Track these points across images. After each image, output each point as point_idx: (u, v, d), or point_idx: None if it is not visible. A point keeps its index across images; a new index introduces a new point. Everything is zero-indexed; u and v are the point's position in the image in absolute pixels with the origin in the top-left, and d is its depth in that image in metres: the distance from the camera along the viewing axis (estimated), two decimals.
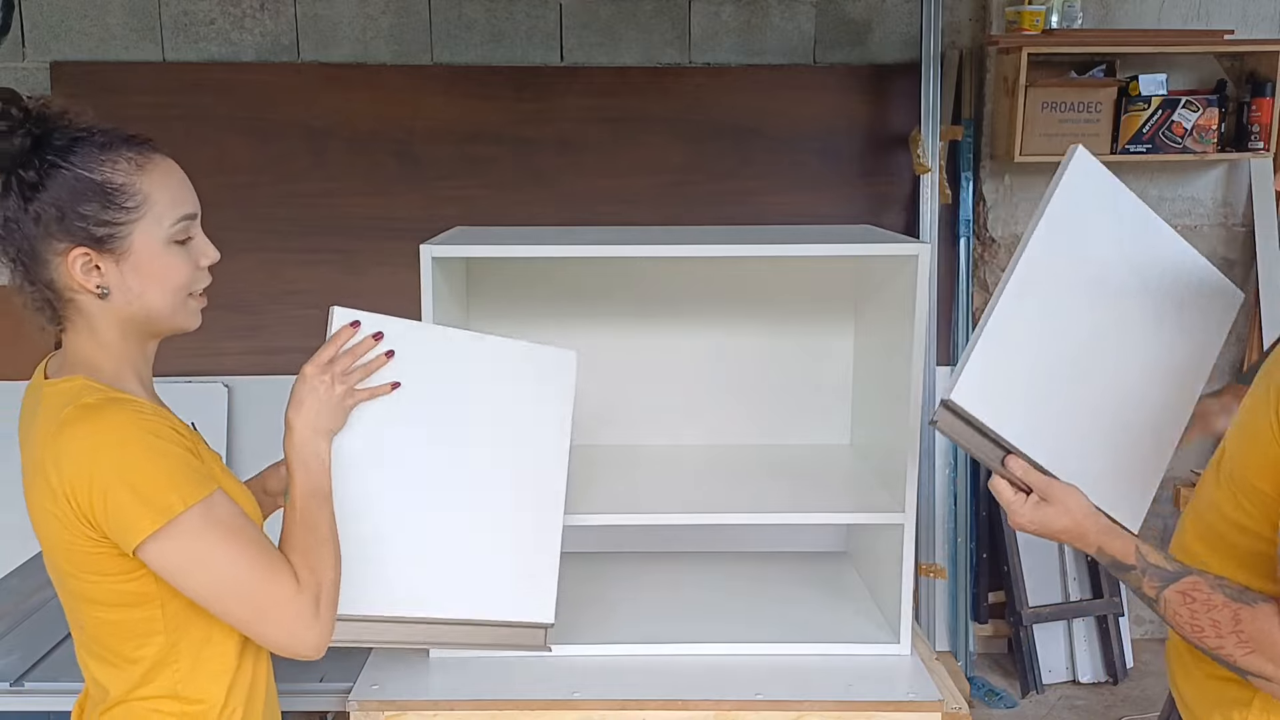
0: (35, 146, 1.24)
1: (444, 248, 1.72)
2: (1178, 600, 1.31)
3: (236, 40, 3.44)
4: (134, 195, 1.25)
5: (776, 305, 2.13)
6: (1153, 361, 1.51)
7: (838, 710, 1.67)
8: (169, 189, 1.28)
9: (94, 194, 1.23)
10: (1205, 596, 1.29)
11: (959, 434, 1.43)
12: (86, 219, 1.23)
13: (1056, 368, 1.45)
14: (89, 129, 1.27)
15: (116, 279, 1.26)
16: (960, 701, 1.68)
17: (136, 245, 1.26)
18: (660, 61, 3.51)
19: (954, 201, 3.54)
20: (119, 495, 1.19)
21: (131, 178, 1.25)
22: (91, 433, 1.20)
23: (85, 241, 1.24)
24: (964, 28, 3.53)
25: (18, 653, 1.90)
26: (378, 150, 3.46)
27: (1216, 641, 1.27)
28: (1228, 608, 1.27)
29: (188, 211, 1.30)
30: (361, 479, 1.46)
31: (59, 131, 1.25)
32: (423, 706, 1.68)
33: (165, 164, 1.30)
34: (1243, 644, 1.25)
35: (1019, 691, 3.51)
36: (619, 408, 2.16)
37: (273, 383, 3.41)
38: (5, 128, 1.22)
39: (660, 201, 3.50)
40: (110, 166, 1.25)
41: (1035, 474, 1.43)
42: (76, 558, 1.24)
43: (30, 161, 1.23)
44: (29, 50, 3.45)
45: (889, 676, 1.74)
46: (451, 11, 3.47)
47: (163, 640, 1.29)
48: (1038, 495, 1.42)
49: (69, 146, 1.24)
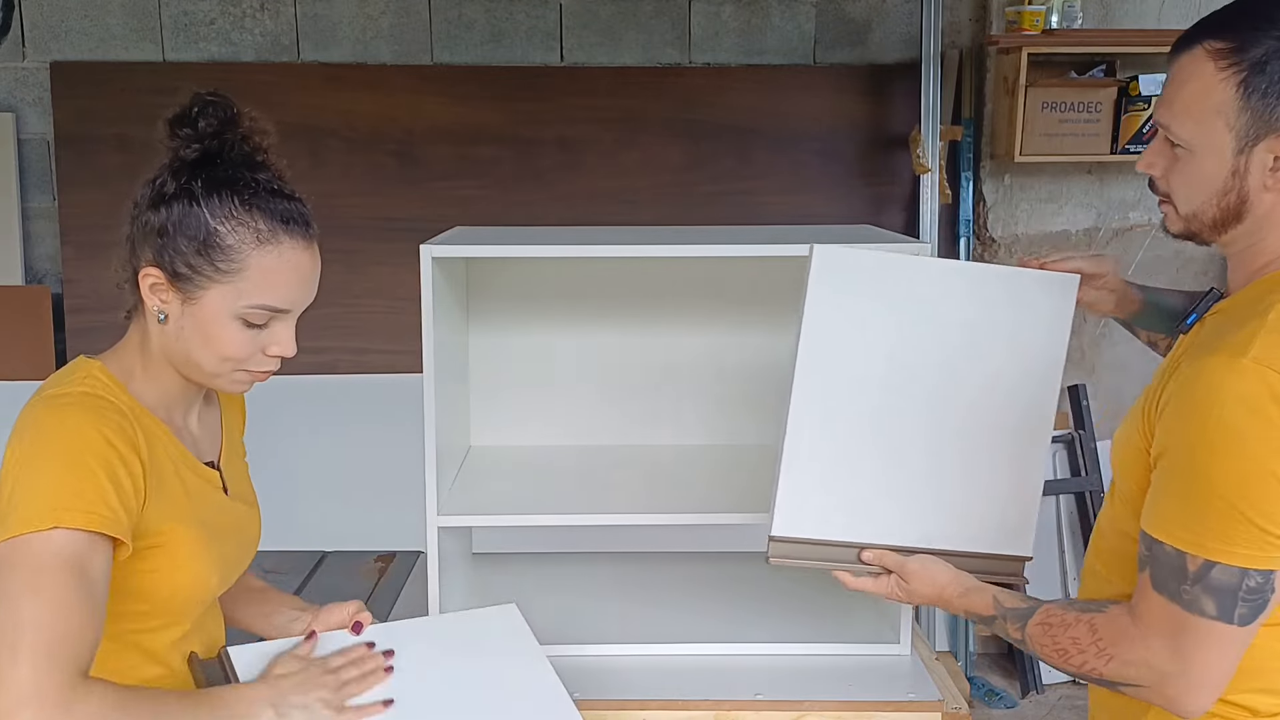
0: (197, 163, 1.23)
1: (444, 248, 1.71)
2: (1039, 632, 1.32)
3: (236, 40, 3.44)
4: (233, 261, 1.21)
5: (777, 305, 2.12)
6: (988, 386, 1.52)
7: (838, 710, 1.67)
8: (272, 276, 1.23)
9: (197, 236, 1.21)
10: (1059, 618, 1.31)
11: (803, 555, 1.50)
12: (178, 252, 1.21)
13: (871, 451, 1.50)
14: (258, 180, 1.24)
15: (176, 314, 1.23)
16: (960, 701, 1.68)
17: (206, 301, 1.22)
18: (660, 61, 3.51)
19: (954, 201, 3.54)
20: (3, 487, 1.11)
21: (243, 245, 1.21)
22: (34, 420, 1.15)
23: (165, 268, 1.22)
24: (964, 28, 3.53)
25: None
26: (378, 150, 3.46)
27: (1081, 659, 1.27)
28: (1081, 621, 1.28)
29: (274, 305, 1.24)
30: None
31: (230, 165, 1.24)
32: None
33: (292, 252, 1.24)
34: (1102, 653, 1.25)
35: (1019, 691, 3.52)
36: (620, 407, 2.16)
37: (272, 383, 3.41)
38: (185, 136, 1.23)
39: (660, 201, 3.50)
40: (231, 225, 1.21)
41: (890, 556, 1.49)
42: None
43: (182, 173, 1.23)
44: (29, 50, 3.45)
45: (889, 676, 1.74)
46: (451, 11, 3.47)
47: None
48: (897, 576, 1.49)
49: (219, 184, 1.22)
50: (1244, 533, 1.14)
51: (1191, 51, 1.23)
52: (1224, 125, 1.20)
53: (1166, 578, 1.20)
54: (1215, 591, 1.17)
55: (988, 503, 1.53)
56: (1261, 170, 1.20)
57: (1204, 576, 1.17)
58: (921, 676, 1.74)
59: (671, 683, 1.72)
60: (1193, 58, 1.23)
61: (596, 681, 1.73)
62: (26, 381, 3.30)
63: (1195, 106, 1.22)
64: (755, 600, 2.00)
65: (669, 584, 2.09)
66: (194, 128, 1.23)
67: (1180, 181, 1.27)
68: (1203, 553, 1.17)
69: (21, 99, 3.48)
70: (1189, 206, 1.27)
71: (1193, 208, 1.27)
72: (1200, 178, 1.24)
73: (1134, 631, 1.23)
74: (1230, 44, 1.20)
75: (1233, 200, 1.23)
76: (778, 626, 1.89)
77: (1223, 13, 1.24)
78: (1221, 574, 1.16)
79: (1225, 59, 1.20)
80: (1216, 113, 1.20)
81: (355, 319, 3.50)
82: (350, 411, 3.44)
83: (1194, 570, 1.17)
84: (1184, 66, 1.24)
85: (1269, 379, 1.13)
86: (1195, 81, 1.22)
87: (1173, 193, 1.29)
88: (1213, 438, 1.15)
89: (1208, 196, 1.24)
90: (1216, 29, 1.22)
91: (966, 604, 1.44)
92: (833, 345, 1.49)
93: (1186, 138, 1.24)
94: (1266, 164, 1.20)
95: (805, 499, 1.49)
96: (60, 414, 1.16)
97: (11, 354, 3.35)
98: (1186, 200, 1.27)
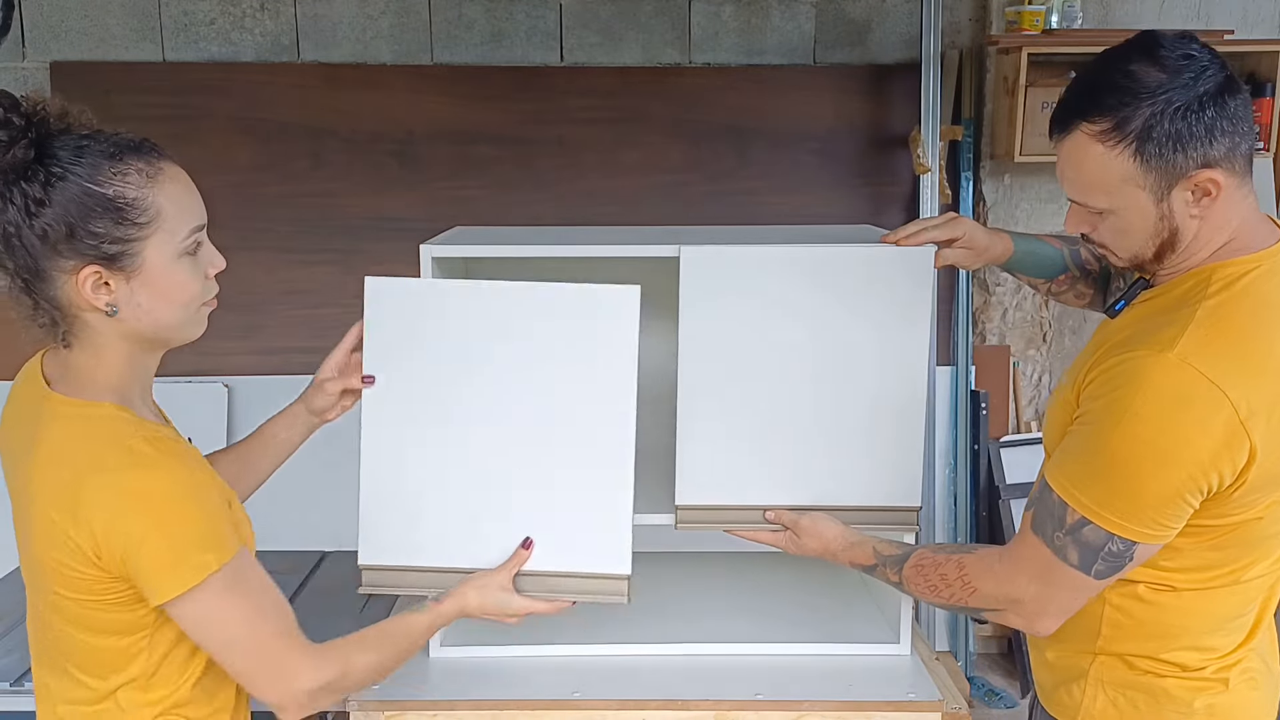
0: (38, 156, 1.16)
1: (444, 248, 1.72)
2: (913, 573, 1.50)
3: (236, 40, 3.44)
4: (146, 210, 1.19)
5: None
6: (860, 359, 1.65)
7: (838, 710, 1.67)
8: (179, 200, 1.22)
9: (105, 210, 1.16)
10: (930, 559, 1.49)
11: (710, 520, 1.70)
12: (98, 236, 1.17)
13: (757, 424, 1.67)
14: (93, 135, 1.20)
15: (126, 295, 1.21)
16: (960, 701, 1.68)
17: (148, 261, 1.20)
18: (660, 61, 3.51)
19: (954, 201, 3.54)
20: (156, 551, 1.17)
21: (143, 190, 1.19)
22: (145, 483, 1.17)
23: (96, 259, 1.18)
24: (964, 28, 3.53)
25: (18, 653, 1.90)
26: (378, 150, 3.46)
27: (949, 593, 1.45)
28: (949, 561, 1.46)
29: (198, 223, 1.25)
30: (436, 437, 1.58)
31: (62, 138, 1.18)
32: (423, 707, 1.68)
33: (174, 172, 1.23)
34: (967, 586, 1.42)
35: (1019, 691, 3.51)
36: None
37: (273, 383, 3.40)
38: (5, 138, 1.14)
39: (660, 201, 3.50)
40: (121, 179, 1.18)
41: (786, 514, 1.68)
42: (75, 583, 1.20)
43: (34, 173, 1.15)
44: (29, 50, 3.45)
45: (889, 676, 1.74)
46: (451, 11, 3.47)
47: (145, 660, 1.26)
48: (791, 531, 1.67)
49: (75, 157, 1.17)
50: (1122, 504, 1.27)
51: (1072, 137, 1.29)
52: (1135, 188, 1.27)
53: (1045, 520, 1.34)
54: (1081, 545, 1.31)
55: (873, 462, 1.68)
56: (1184, 205, 1.28)
57: (1077, 530, 1.30)
58: (921, 676, 1.74)
59: (671, 683, 1.72)
60: (1076, 143, 1.29)
61: (596, 681, 1.73)
62: None
63: (1101, 181, 1.29)
64: (755, 600, 2.00)
65: (669, 584, 2.09)
66: (8, 127, 1.14)
67: (1112, 237, 1.35)
68: (1081, 510, 1.30)
69: None
70: (1128, 253, 1.35)
71: (1132, 252, 1.35)
72: (1130, 230, 1.32)
73: (999, 567, 1.39)
74: (1108, 123, 1.26)
75: (1165, 236, 1.31)
76: (778, 626, 1.89)
77: (1083, 94, 1.29)
78: (1091, 532, 1.30)
79: (1110, 137, 1.26)
80: (1123, 181, 1.27)
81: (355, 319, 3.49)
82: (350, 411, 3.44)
83: (1070, 522, 1.31)
84: (1072, 151, 1.30)
85: (1189, 375, 1.22)
86: (1091, 161, 1.28)
87: (1108, 245, 1.36)
88: (1122, 418, 1.25)
89: (1144, 240, 1.32)
90: (1088, 111, 1.27)
91: (850, 556, 1.61)
92: (707, 335, 1.64)
93: (1105, 206, 1.31)
94: (1187, 200, 1.28)
95: (700, 472, 1.68)
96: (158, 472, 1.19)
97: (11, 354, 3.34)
98: (1125, 249, 1.35)
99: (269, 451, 1.60)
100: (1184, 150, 1.24)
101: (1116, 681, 1.41)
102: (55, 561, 1.20)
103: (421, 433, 1.58)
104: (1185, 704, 1.38)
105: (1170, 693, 1.38)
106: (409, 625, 1.44)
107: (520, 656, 1.80)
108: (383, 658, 1.38)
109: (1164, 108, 1.23)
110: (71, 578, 1.20)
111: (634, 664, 1.79)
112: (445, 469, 1.58)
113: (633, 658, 1.81)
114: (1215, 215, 1.29)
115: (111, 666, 1.25)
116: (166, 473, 1.19)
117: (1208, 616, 1.37)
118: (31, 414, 1.25)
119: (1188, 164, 1.24)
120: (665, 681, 1.73)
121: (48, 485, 1.19)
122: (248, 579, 1.24)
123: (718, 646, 1.83)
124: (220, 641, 1.24)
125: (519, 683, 1.73)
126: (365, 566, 1.60)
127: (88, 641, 1.24)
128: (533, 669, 1.77)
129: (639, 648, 1.83)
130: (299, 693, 1.26)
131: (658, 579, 2.11)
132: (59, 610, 1.24)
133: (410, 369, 1.57)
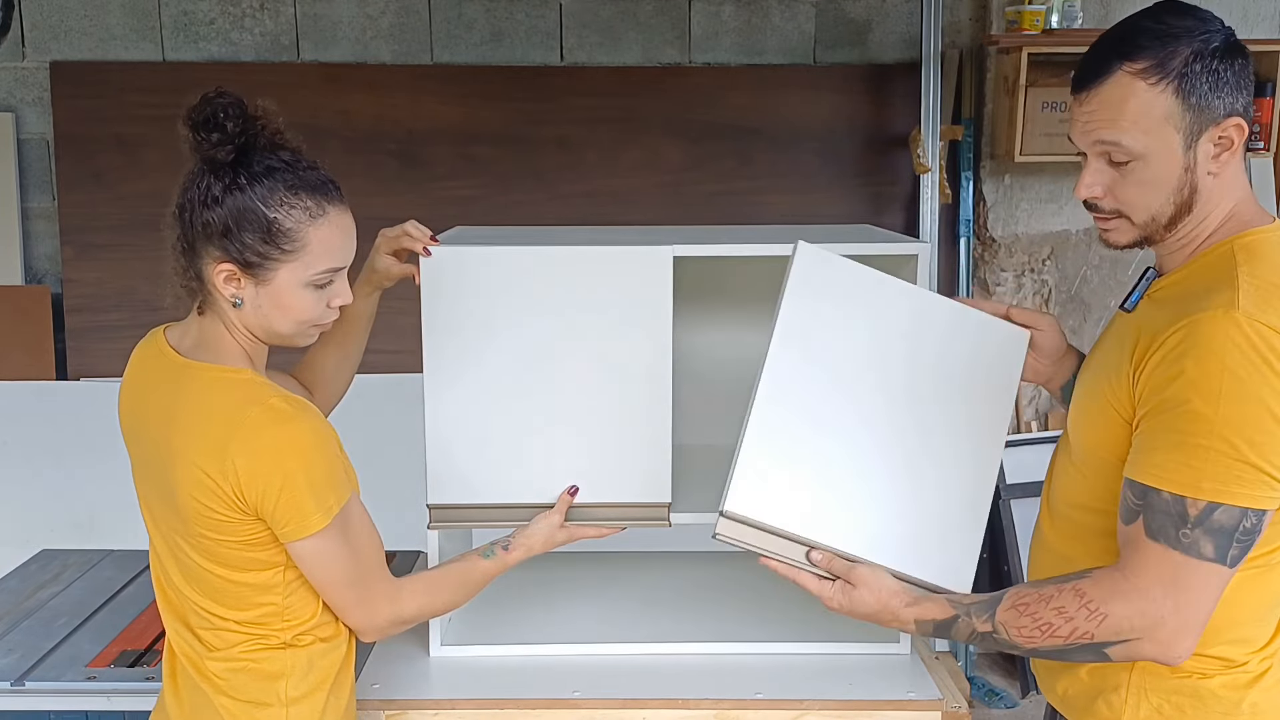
0: (235, 162, 1.32)
1: (444, 248, 1.72)
2: (1013, 616, 1.33)
3: (236, 40, 3.44)
4: (295, 240, 1.35)
5: None
6: (944, 420, 1.52)
7: (838, 710, 1.67)
8: (328, 242, 1.38)
9: (260, 228, 1.33)
10: (1035, 595, 1.33)
11: (747, 539, 1.44)
12: (246, 245, 1.33)
13: (831, 451, 1.48)
14: (291, 163, 1.36)
15: (251, 296, 1.36)
16: (960, 701, 1.68)
17: (279, 279, 1.36)
18: (660, 61, 3.52)
19: (954, 201, 3.54)
20: (292, 497, 1.33)
21: (301, 225, 1.35)
22: (283, 436, 1.33)
23: (236, 261, 1.33)
24: (964, 28, 3.53)
25: (18, 652, 1.90)
26: (378, 150, 3.46)
27: (1069, 628, 1.29)
28: (1064, 591, 1.31)
29: (336, 265, 1.41)
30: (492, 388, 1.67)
31: (262, 155, 1.34)
32: (424, 705, 1.68)
33: (338, 216, 1.40)
34: (1094, 615, 1.28)
35: (1019, 691, 3.51)
36: None
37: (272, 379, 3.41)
38: (216, 139, 1.30)
39: (660, 201, 3.50)
40: (286, 209, 1.34)
41: (838, 561, 1.45)
42: (220, 525, 1.35)
43: (224, 174, 1.32)
44: (29, 50, 3.45)
45: (889, 676, 1.74)
46: (451, 11, 3.47)
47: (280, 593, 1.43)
48: (843, 581, 1.45)
49: (261, 175, 1.33)
50: (1242, 473, 1.21)
51: (1114, 78, 1.32)
52: (1172, 129, 1.30)
53: (1164, 524, 1.25)
54: (1215, 533, 1.22)
55: (936, 532, 1.50)
56: (1206, 159, 1.31)
57: (1205, 519, 1.22)
58: (921, 676, 1.74)
59: (671, 683, 1.72)
60: (1118, 83, 1.31)
61: (596, 681, 1.73)
62: (27, 381, 3.30)
63: (1143, 119, 1.31)
64: (755, 600, 2.00)
65: (669, 584, 2.09)
66: (222, 131, 1.31)
67: (1135, 191, 1.34)
68: (1203, 495, 1.22)
69: (21, 99, 3.48)
70: (1147, 212, 1.35)
71: (1151, 211, 1.34)
72: (1156, 181, 1.32)
73: (1126, 585, 1.27)
74: (1150, 62, 1.29)
75: (1186, 194, 1.32)
76: (778, 626, 1.89)
77: (1122, 37, 1.33)
78: (1223, 515, 1.22)
79: (1152, 75, 1.29)
80: (1164, 119, 1.30)
81: None
82: (350, 411, 3.43)
83: (1195, 514, 1.23)
84: (1112, 90, 1.32)
85: (1261, 331, 1.21)
86: (1134, 99, 1.31)
87: (1125, 205, 1.36)
88: (1213, 384, 1.21)
89: (1166, 195, 1.33)
90: (1129, 52, 1.31)
91: (918, 612, 1.42)
92: (808, 340, 1.50)
93: (1140, 149, 1.31)
94: (1209, 153, 1.31)
95: (764, 481, 1.44)
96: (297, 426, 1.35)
97: (11, 354, 3.35)
98: (1144, 207, 1.35)
99: (355, 330, 1.73)
100: (1218, 93, 1.29)
101: (1159, 687, 1.36)
102: (204, 507, 1.34)
103: (479, 385, 1.68)
104: (1233, 704, 1.34)
105: (1216, 693, 1.34)
106: (479, 571, 1.59)
107: (520, 656, 1.80)
108: (454, 598, 1.58)
109: (1202, 48, 1.29)
110: (218, 521, 1.35)
111: (634, 664, 1.79)
112: (501, 416, 1.69)
113: (633, 657, 1.81)
114: (1226, 177, 1.33)
115: (251, 601, 1.42)
116: (301, 425, 1.35)
117: (1252, 605, 1.33)
118: (167, 381, 1.39)
119: (1219, 108, 1.29)
120: (665, 681, 1.73)
121: (194, 440, 1.34)
122: (353, 520, 1.42)
123: (718, 646, 1.83)
124: (325, 576, 1.41)
125: (519, 683, 1.73)
126: (433, 505, 1.71)
127: (230, 577, 1.40)
128: (533, 669, 1.77)
129: (639, 647, 1.83)
130: (381, 623, 1.48)
131: (658, 578, 2.11)
132: (206, 553, 1.39)
133: (467, 327, 1.68)
